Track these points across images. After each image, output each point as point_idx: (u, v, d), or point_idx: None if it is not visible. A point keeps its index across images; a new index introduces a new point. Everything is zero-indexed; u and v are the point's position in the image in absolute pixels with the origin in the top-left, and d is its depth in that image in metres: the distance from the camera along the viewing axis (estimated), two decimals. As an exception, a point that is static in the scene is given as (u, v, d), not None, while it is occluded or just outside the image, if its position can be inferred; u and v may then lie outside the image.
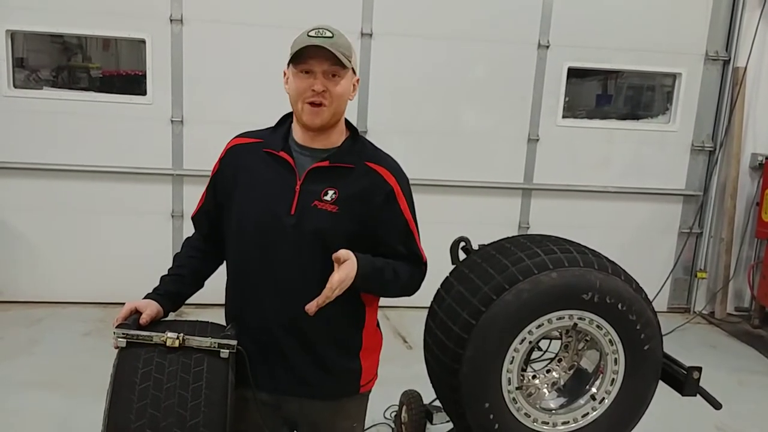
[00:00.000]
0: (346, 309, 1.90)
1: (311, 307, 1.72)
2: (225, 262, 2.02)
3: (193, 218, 2.09)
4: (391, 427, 3.54)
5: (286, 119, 1.96)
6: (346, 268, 1.74)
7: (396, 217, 1.89)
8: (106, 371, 1.73)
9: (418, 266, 1.98)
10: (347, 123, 1.96)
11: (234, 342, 1.79)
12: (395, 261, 1.90)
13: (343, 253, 1.74)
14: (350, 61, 1.81)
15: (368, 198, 1.85)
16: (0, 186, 5.04)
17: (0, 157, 4.98)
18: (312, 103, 1.79)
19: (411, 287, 1.99)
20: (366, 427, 2.99)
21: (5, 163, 4.99)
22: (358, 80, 1.91)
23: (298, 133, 1.90)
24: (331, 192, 1.83)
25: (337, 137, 1.91)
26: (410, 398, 3.33)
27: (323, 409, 1.98)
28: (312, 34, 1.78)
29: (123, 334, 1.74)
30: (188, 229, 2.13)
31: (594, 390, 2.29)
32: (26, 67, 5.38)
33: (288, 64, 1.83)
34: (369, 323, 2.00)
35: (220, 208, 1.96)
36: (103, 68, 5.87)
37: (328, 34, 1.78)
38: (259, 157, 1.90)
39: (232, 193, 1.92)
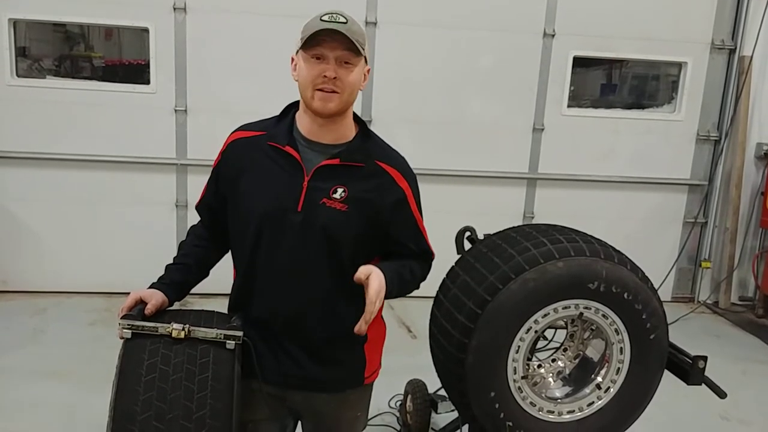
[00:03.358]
0: (349, 303, 1.88)
1: (360, 327, 1.71)
2: (231, 255, 2.00)
3: (196, 208, 2.06)
4: (396, 416, 3.55)
5: (290, 110, 1.90)
6: (376, 278, 1.70)
7: (407, 219, 1.89)
8: (111, 361, 1.73)
9: (428, 261, 2.00)
10: (355, 117, 1.90)
11: (240, 333, 1.78)
12: (407, 260, 1.91)
13: (363, 270, 1.70)
14: (363, 49, 1.76)
15: (379, 199, 1.82)
16: (3, 175, 5.04)
17: (3, 147, 4.98)
18: (323, 90, 1.72)
19: (421, 281, 2.00)
20: (371, 416, 3.02)
21: (8, 153, 4.98)
22: (368, 70, 1.86)
23: (304, 126, 1.83)
24: (340, 190, 1.79)
25: (346, 131, 1.85)
26: (415, 387, 3.34)
27: (328, 401, 1.97)
28: (325, 18, 1.72)
29: (128, 325, 1.73)
30: (192, 219, 2.12)
31: (599, 379, 2.29)
32: (29, 56, 5.36)
33: (298, 50, 1.77)
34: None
35: (222, 200, 1.92)
36: (106, 57, 5.84)
37: (342, 19, 1.72)
38: (263, 152, 1.83)
39: (236, 187, 1.86)
